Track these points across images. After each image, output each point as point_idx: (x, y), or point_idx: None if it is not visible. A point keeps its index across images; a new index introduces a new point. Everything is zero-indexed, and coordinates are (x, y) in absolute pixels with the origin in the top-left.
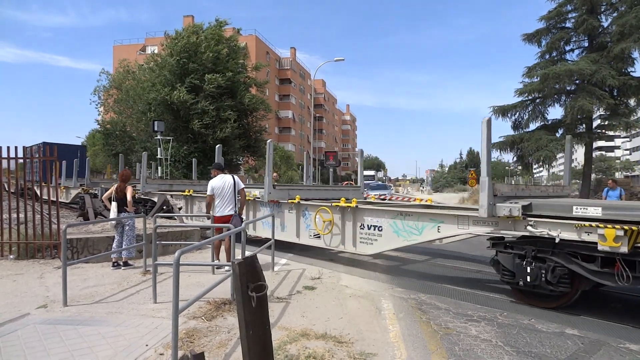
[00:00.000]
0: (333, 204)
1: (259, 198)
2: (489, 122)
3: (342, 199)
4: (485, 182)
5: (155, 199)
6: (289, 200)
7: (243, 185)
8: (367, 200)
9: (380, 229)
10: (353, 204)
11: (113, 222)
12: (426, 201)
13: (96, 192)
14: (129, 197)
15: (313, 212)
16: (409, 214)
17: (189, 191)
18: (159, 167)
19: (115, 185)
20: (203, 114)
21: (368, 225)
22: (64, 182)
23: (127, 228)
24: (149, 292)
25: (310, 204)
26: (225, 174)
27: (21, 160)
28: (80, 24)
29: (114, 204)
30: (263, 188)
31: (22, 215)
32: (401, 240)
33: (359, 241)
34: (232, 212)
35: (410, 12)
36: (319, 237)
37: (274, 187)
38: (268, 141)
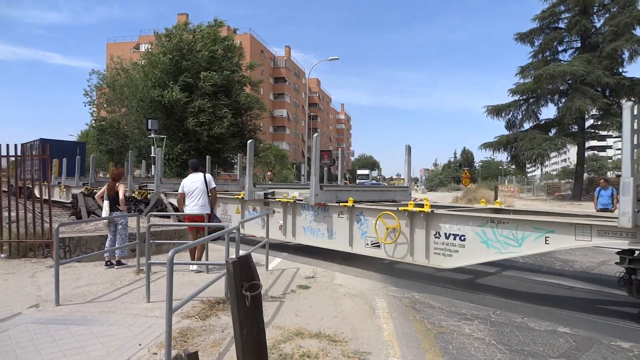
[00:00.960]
0: (400, 208)
1: (300, 200)
2: (632, 107)
3: (411, 202)
4: (630, 184)
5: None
6: (341, 204)
7: (214, 185)
8: (438, 204)
9: (462, 238)
10: (427, 209)
11: (105, 220)
12: (494, 204)
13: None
14: (121, 195)
15: (371, 217)
16: (504, 221)
17: None
18: (153, 166)
19: (107, 184)
20: (199, 112)
21: (446, 234)
22: (64, 180)
23: (119, 227)
24: (142, 291)
25: (368, 207)
26: (199, 172)
27: (12, 159)
28: (73, 21)
29: (106, 203)
30: (301, 189)
31: (13, 214)
32: (492, 253)
33: (433, 252)
34: (200, 211)
35: (404, 11)
36: (379, 246)
37: (321, 188)
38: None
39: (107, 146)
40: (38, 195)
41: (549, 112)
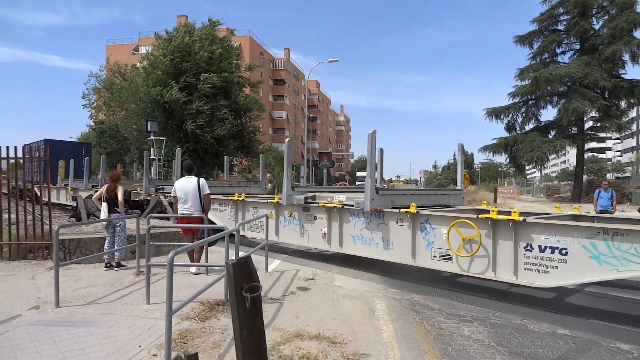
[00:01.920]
0: (481, 215)
1: (349, 206)
2: None
3: (493, 209)
4: None
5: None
6: (402, 210)
7: (208, 191)
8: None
9: (564, 252)
10: (516, 217)
11: (104, 222)
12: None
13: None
14: (120, 197)
15: (440, 225)
16: (621, 232)
17: (241, 195)
18: (152, 168)
19: (106, 185)
20: (197, 115)
21: (541, 247)
22: (71, 183)
23: (118, 229)
24: (142, 293)
25: (436, 214)
26: (192, 176)
27: (12, 161)
28: (72, 23)
29: (104, 205)
30: (347, 192)
31: (13, 216)
32: (607, 271)
33: (524, 268)
34: (191, 215)
35: (403, 14)
36: (450, 258)
37: (377, 192)
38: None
39: (106, 149)
40: (41, 198)
41: (548, 114)
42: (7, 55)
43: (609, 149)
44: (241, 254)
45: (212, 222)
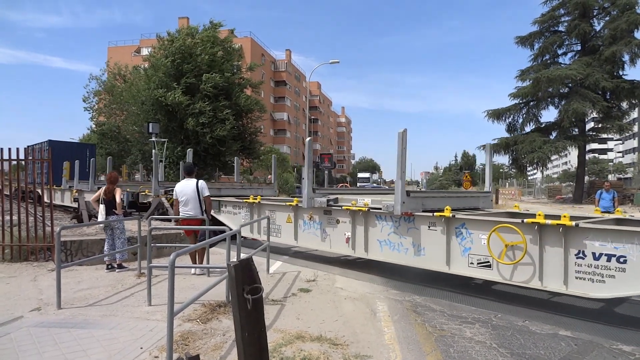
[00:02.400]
0: (526, 220)
1: (376, 209)
2: None
3: (539, 213)
4: None
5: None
6: (436, 214)
7: (207, 193)
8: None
9: (622, 259)
10: (567, 222)
11: (102, 224)
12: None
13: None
14: (118, 199)
15: (478, 230)
16: None
17: (256, 198)
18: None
19: (104, 187)
20: (199, 114)
21: (595, 254)
22: (77, 184)
23: (117, 231)
24: (143, 295)
25: (473, 218)
26: (192, 178)
27: (14, 162)
28: (74, 25)
29: (101, 207)
30: (372, 194)
31: (15, 217)
32: None
33: (575, 277)
34: (192, 217)
35: (403, 14)
36: (489, 266)
37: (408, 195)
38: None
39: (107, 150)
40: (45, 199)
41: (549, 115)
42: (9, 57)
43: (611, 150)
44: (243, 256)
45: (217, 224)
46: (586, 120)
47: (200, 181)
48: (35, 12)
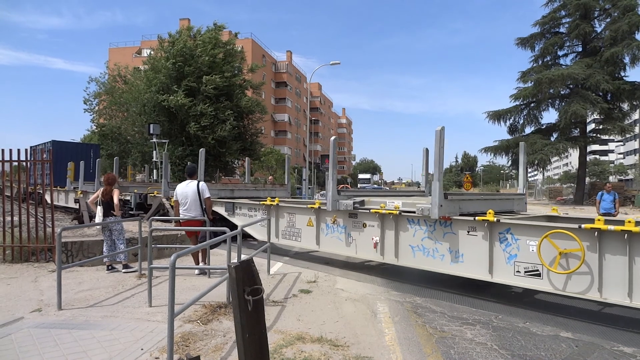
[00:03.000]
0: (584, 226)
1: (409, 212)
2: None
3: (599, 218)
4: None
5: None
6: (478, 218)
7: (208, 195)
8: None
9: None
10: (632, 227)
11: (99, 226)
12: None
13: (128, 197)
14: (116, 200)
15: (526, 236)
16: None
17: (274, 200)
18: (154, 170)
19: (102, 189)
20: (200, 116)
21: None
22: (81, 185)
23: (116, 233)
24: (144, 296)
25: (520, 223)
26: (193, 180)
27: (15, 163)
28: (75, 26)
29: (99, 208)
30: (402, 196)
31: (16, 219)
32: None
33: None
34: (193, 219)
35: (405, 16)
36: (539, 275)
37: (446, 197)
38: None
39: (107, 151)
40: (48, 200)
41: (550, 116)
42: (11, 59)
43: (612, 151)
44: (243, 257)
45: (230, 226)
46: (587, 121)
47: (201, 183)
48: (36, 14)
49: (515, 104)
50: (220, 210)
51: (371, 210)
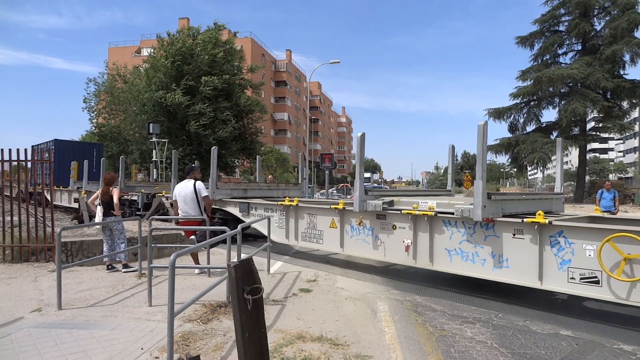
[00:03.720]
0: None
1: (446, 213)
2: None
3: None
4: None
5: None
6: (527, 219)
7: (205, 194)
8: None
9: None
10: None
11: (99, 226)
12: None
13: (135, 198)
14: (115, 199)
15: (583, 240)
16: None
17: (293, 200)
18: (154, 170)
19: (101, 188)
20: (200, 116)
21: None
22: (85, 185)
23: (116, 232)
24: (144, 295)
25: (576, 225)
26: (191, 179)
27: (15, 163)
28: (75, 26)
29: (99, 208)
30: (432, 195)
31: (16, 218)
32: None
33: None
34: (191, 218)
35: (405, 15)
36: (597, 282)
37: (489, 197)
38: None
39: (107, 152)
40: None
41: (550, 115)
42: (11, 58)
43: (612, 149)
44: (243, 256)
45: (222, 223)
46: (587, 119)
47: (198, 182)
48: (36, 14)
49: (515, 102)
50: (234, 210)
51: (403, 211)
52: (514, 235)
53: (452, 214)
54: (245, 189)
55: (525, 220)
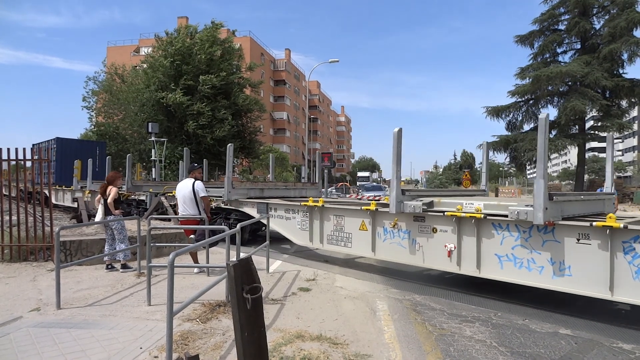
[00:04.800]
0: None
1: (496, 216)
2: None
3: None
4: None
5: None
6: (597, 223)
7: (203, 194)
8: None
9: None
10: None
11: (103, 224)
12: None
13: (143, 198)
14: (109, 199)
15: None
16: None
17: (318, 201)
18: (153, 169)
19: (100, 186)
20: (198, 115)
21: None
22: (89, 185)
23: (115, 232)
24: (143, 295)
25: None
26: (191, 178)
27: (14, 162)
28: (74, 25)
29: (100, 207)
30: (470, 195)
31: (14, 218)
32: None
33: None
34: (189, 217)
35: (404, 14)
36: None
37: (551, 198)
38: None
39: (106, 151)
40: (53, 200)
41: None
42: (10, 58)
43: None
44: (242, 255)
45: (215, 222)
46: (586, 118)
47: (197, 182)
48: (35, 13)
49: (513, 100)
50: (252, 211)
51: (446, 213)
52: (578, 240)
53: (505, 216)
54: (262, 188)
55: (594, 224)
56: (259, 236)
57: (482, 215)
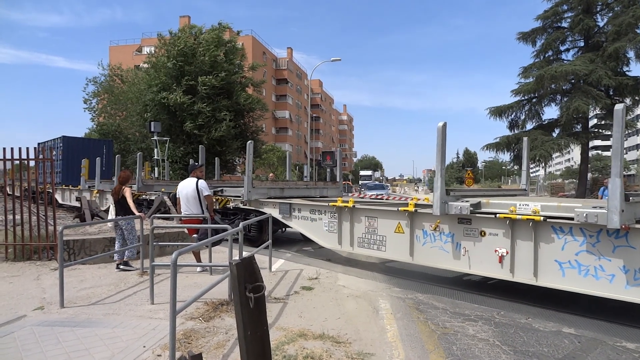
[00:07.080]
0: None
1: (559, 218)
2: None
3: None
4: None
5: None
6: None
7: (206, 193)
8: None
9: None
10: None
11: (112, 223)
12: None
13: (154, 197)
14: (129, 201)
15: None
16: None
17: (347, 201)
18: (156, 168)
19: (114, 187)
20: (197, 115)
21: None
22: (98, 184)
23: (126, 232)
24: (146, 294)
25: None
26: (193, 177)
27: (17, 162)
28: (75, 24)
29: (111, 207)
30: (510, 196)
31: (18, 217)
32: None
33: None
34: (192, 216)
35: (406, 12)
36: None
37: (627, 199)
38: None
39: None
40: (59, 200)
41: (552, 112)
42: (12, 57)
43: None
44: (245, 254)
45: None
46: (589, 117)
47: (200, 181)
48: (36, 12)
49: (516, 99)
50: (274, 212)
51: (498, 215)
52: None
53: (568, 219)
54: (282, 188)
55: None
56: (277, 240)
57: (542, 218)
